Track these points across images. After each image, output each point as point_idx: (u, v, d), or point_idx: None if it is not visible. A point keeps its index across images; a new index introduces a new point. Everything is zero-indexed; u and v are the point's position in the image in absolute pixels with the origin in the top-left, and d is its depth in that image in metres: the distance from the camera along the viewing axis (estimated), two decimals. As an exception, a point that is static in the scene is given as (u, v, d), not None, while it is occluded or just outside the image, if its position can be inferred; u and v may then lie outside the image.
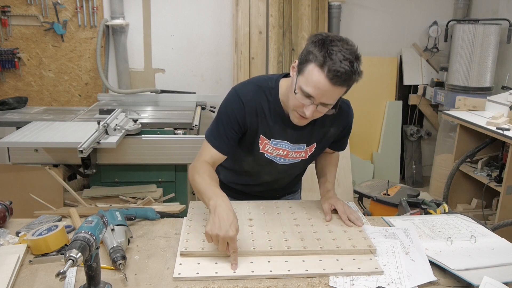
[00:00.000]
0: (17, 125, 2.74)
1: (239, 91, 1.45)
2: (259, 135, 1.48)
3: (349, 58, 1.22)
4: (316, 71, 1.24)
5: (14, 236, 1.34)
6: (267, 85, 1.46)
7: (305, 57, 1.28)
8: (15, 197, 1.68)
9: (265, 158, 1.53)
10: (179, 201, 2.58)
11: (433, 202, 1.74)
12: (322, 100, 1.28)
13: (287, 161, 1.54)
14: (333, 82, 1.23)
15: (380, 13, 4.19)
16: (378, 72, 4.23)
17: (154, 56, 3.99)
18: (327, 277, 1.17)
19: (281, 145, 1.50)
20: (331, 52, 1.22)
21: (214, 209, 1.24)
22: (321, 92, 1.25)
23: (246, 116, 1.43)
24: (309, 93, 1.26)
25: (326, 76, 1.22)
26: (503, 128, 2.91)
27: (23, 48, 3.77)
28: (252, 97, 1.43)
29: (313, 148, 1.54)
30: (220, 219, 1.21)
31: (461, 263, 1.21)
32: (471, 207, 3.46)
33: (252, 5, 3.81)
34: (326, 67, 1.22)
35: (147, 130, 2.63)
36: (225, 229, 1.18)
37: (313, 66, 1.25)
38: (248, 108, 1.43)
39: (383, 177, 4.11)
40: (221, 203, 1.26)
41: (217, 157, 1.45)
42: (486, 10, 4.02)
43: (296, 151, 1.52)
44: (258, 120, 1.45)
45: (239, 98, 1.43)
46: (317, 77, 1.24)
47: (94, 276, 1.06)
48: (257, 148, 1.51)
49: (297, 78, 1.30)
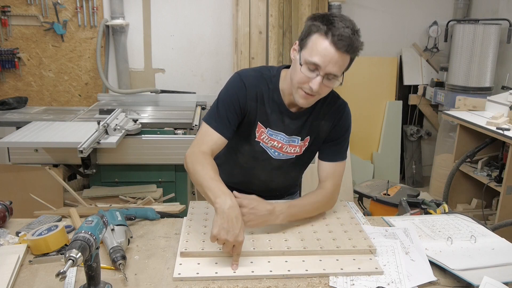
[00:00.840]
0: (17, 125, 2.74)
1: (242, 75, 1.46)
2: (257, 122, 1.48)
3: (350, 27, 1.26)
4: (321, 39, 1.27)
5: (14, 236, 1.34)
6: (268, 72, 1.47)
7: (307, 31, 1.31)
8: (15, 197, 1.68)
9: (260, 148, 1.52)
10: (179, 201, 2.57)
11: (433, 202, 1.74)
12: (327, 69, 1.28)
13: (281, 155, 1.53)
14: (338, 47, 1.25)
15: (380, 13, 4.19)
16: (378, 72, 4.23)
17: (154, 56, 3.99)
18: (327, 277, 1.17)
19: (277, 136, 1.50)
20: (333, 21, 1.26)
21: (222, 210, 1.18)
22: (327, 59, 1.27)
23: (247, 99, 1.44)
24: (315, 62, 1.27)
25: (331, 41, 1.25)
26: (503, 128, 2.91)
27: (23, 48, 3.77)
28: (254, 81, 1.44)
29: (307, 142, 1.52)
30: (229, 222, 1.17)
31: (461, 263, 1.21)
32: (471, 207, 3.46)
33: (252, 5, 3.81)
34: (330, 33, 1.25)
35: (147, 130, 2.63)
36: (235, 234, 1.16)
37: (316, 36, 1.28)
38: (250, 92, 1.43)
39: (383, 177, 4.10)
40: (228, 202, 1.20)
41: (219, 141, 1.41)
42: (486, 10, 4.02)
43: (291, 144, 1.51)
44: (258, 106, 1.46)
45: (242, 81, 1.44)
46: (322, 44, 1.26)
47: (94, 276, 1.06)
48: (253, 136, 1.50)
49: (301, 53, 1.32)
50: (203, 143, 1.40)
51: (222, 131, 1.41)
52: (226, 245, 1.18)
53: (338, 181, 1.52)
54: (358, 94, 4.19)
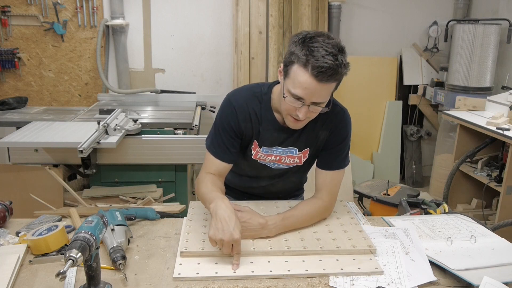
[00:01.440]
0: (17, 125, 2.74)
1: (231, 98, 1.45)
2: (253, 141, 1.48)
3: (332, 52, 1.19)
4: (300, 71, 1.22)
5: (14, 236, 1.34)
6: (260, 90, 1.46)
7: (288, 58, 1.26)
8: (15, 197, 1.68)
9: (258, 164, 1.53)
10: (179, 201, 2.57)
11: (433, 202, 1.74)
12: (312, 100, 1.26)
13: (281, 166, 1.54)
14: (319, 79, 1.20)
15: (380, 13, 4.19)
16: (378, 72, 4.23)
17: (154, 56, 3.99)
18: (327, 277, 1.17)
19: (273, 151, 1.49)
20: (312, 49, 1.19)
21: (215, 212, 1.23)
22: (310, 92, 1.23)
23: (240, 122, 1.43)
24: (298, 95, 1.25)
25: (311, 75, 1.20)
26: (503, 128, 2.91)
27: (23, 48, 3.77)
28: (244, 102, 1.43)
29: (307, 154, 1.51)
30: (222, 222, 1.20)
31: (461, 263, 1.22)
32: (471, 207, 3.46)
33: (252, 5, 3.81)
34: (309, 66, 1.20)
35: (147, 130, 2.63)
36: (229, 233, 1.18)
37: (296, 66, 1.23)
38: (241, 114, 1.43)
39: (383, 177, 4.10)
40: (220, 204, 1.25)
41: (222, 167, 1.46)
42: (486, 10, 4.02)
43: (289, 155, 1.51)
44: (253, 126, 1.45)
45: (231, 104, 1.44)
46: (302, 77, 1.22)
47: (94, 276, 1.06)
48: (249, 153, 1.51)
49: (284, 82, 1.29)
50: (208, 169, 1.47)
51: (223, 158, 1.45)
52: (224, 246, 1.18)
53: (334, 191, 1.49)
54: (358, 94, 4.19)
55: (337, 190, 1.50)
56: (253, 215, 1.34)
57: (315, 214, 1.43)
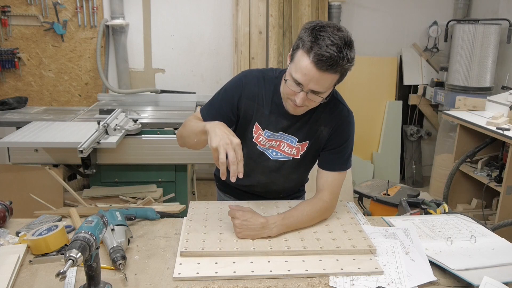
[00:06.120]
0: (17, 125, 2.74)
1: (245, 74, 1.51)
2: (254, 123, 1.48)
3: (337, 44, 1.21)
4: (303, 56, 1.24)
5: (14, 236, 1.34)
6: (272, 74, 1.48)
7: (296, 43, 1.29)
8: (15, 197, 1.68)
9: (257, 150, 1.52)
10: (179, 201, 2.58)
11: (433, 202, 1.74)
12: (310, 87, 1.27)
13: (279, 155, 1.53)
14: (319, 67, 1.22)
15: (380, 13, 4.19)
16: (378, 72, 4.23)
17: (154, 56, 3.99)
18: (327, 277, 1.17)
19: (274, 136, 1.50)
20: (319, 37, 1.22)
21: (213, 128, 1.27)
22: (308, 78, 1.25)
23: (242, 97, 1.46)
24: (297, 79, 1.27)
25: (311, 61, 1.22)
26: (503, 128, 2.91)
27: (23, 48, 3.78)
28: (254, 81, 1.47)
29: (305, 147, 1.51)
30: (220, 130, 1.26)
31: (461, 263, 1.21)
32: (471, 207, 3.46)
33: (252, 5, 3.81)
34: (312, 52, 1.22)
35: (147, 130, 2.63)
36: (229, 138, 1.24)
37: (301, 52, 1.25)
38: (246, 91, 1.46)
39: (383, 177, 4.11)
40: (215, 122, 1.31)
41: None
42: (486, 10, 4.02)
43: (288, 144, 1.51)
44: (255, 106, 1.46)
45: (242, 79, 1.48)
46: (303, 63, 1.24)
47: (94, 276, 1.06)
48: (250, 136, 1.50)
49: (289, 66, 1.32)
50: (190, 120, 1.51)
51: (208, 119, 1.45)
52: (229, 151, 1.21)
53: (336, 192, 1.48)
54: (358, 94, 4.19)
55: (339, 191, 1.50)
56: (254, 214, 1.34)
57: (316, 215, 1.43)
